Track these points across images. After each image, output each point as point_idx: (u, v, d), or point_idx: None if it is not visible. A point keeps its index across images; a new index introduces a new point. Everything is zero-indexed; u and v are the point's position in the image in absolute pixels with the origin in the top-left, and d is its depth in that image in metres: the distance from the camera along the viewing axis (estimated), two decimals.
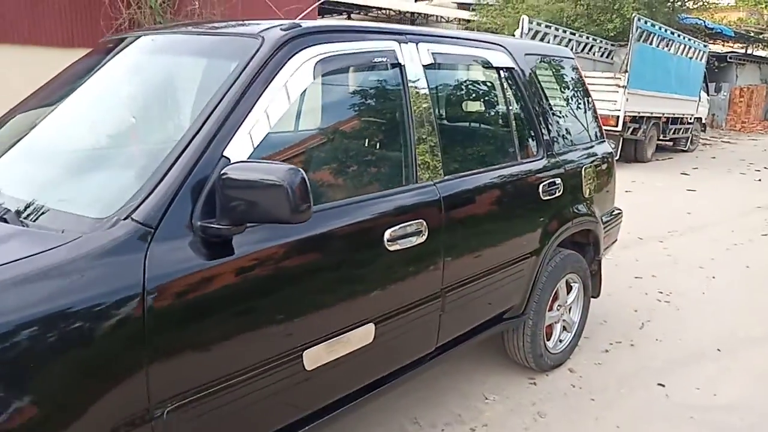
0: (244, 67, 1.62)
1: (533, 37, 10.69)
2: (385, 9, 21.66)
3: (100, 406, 1.25)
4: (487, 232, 2.36)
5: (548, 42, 11.11)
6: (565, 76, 3.09)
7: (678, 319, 3.83)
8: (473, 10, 19.17)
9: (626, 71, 10.25)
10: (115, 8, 7.73)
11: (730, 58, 20.45)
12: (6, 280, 1.17)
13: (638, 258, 5.09)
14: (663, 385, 2.97)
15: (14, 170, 1.76)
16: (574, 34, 12.27)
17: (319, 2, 9.87)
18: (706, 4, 17.27)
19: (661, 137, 12.42)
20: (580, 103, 3.20)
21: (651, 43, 10.85)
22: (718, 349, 3.40)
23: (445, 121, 2.30)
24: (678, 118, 12.70)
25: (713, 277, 4.70)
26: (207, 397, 1.46)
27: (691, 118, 13.26)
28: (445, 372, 2.93)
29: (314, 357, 1.70)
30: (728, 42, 20.78)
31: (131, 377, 1.30)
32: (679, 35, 11.99)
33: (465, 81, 2.54)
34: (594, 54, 12.81)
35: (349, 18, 20.59)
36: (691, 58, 12.71)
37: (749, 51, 22.08)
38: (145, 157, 1.61)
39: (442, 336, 2.24)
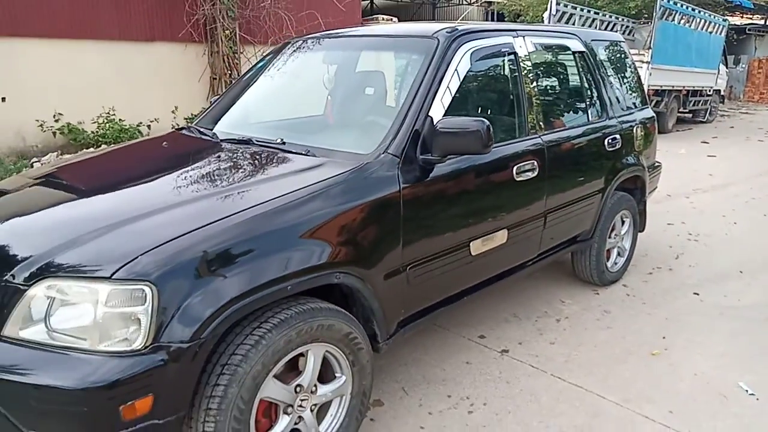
0: (432, 58, 2.51)
1: (560, 18, 11.43)
2: None
3: (388, 258, 2.18)
4: (572, 172, 3.25)
5: (573, 22, 11.85)
6: (618, 56, 3.94)
7: (706, 252, 4.70)
8: None
9: (650, 47, 10.96)
10: (193, 6, 8.62)
11: (749, 30, 20.86)
12: (337, 184, 2.09)
13: (669, 210, 5.94)
14: (698, 294, 3.86)
15: (299, 131, 2.70)
16: (598, 14, 12.95)
17: None
18: None
19: (681, 109, 13.12)
20: (629, 77, 4.05)
21: (673, 20, 11.52)
22: (741, 271, 4.28)
23: (542, 92, 3.16)
24: (698, 90, 13.36)
25: (735, 223, 5.55)
26: (423, 264, 2.38)
27: (710, 91, 13.92)
28: (531, 286, 3.86)
29: (476, 247, 2.62)
30: (747, 14, 21.13)
31: (396, 246, 2.22)
32: (699, 11, 12.62)
33: (554, 63, 3.39)
34: (616, 32, 13.48)
35: (371, 4, 21.16)
36: (710, 32, 13.34)
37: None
38: (383, 119, 2.51)
39: (542, 246, 3.14)
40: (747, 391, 2.74)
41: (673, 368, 2.94)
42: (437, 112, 2.42)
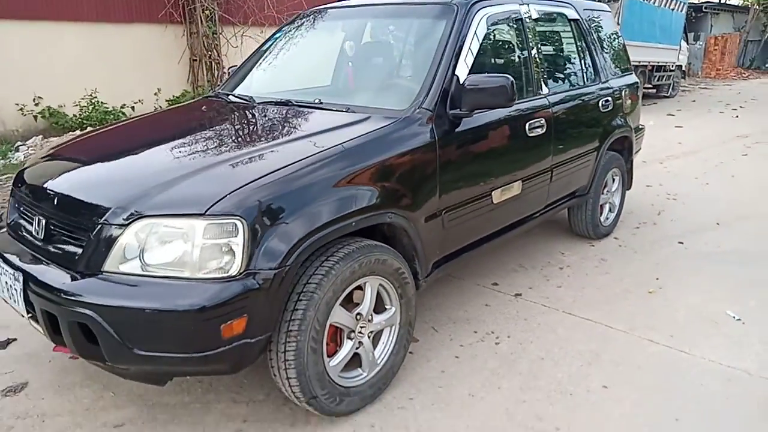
0: (453, 23, 2.74)
1: None
2: None
3: (428, 203, 2.42)
4: (573, 131, 3.53)
5: None
6: (606, 25, 4.23)
7: (685, 208, 5.09)
8: None
9: (618, 24, 11.37)
10: None
11: (706, 8, 21.66)
12: (387, 134, 2.31)
13: (646, 174, 6.34)
14: (682, 243, 4.23)
15: (329, 94, 2.95)
16: None
17: None
18: None
19: (646, 84, 13.65)
20: (615, 45, 4.35)
21: None
22: (717, 223, 4.68)
23: (546, 55, 3.42)
24: (662, 66, 13.92)
25: (707, 183, 5.99)
26: (456, 210, 2.63)
27: (672, 66, 14.50)
28: (531, 241, 4.16)
29: (496, 196, 2.88)
30: None
31: (434, 191, 2.46)
32: None
33: (554, 29, 3.65)
34: None
35: None
36: (672, 9, 13.88)
37: (723, 0, 23.29)
38: (409, 80, 2.72)
39: (549, 198, 3.43)
40: (734, 317, 3.09)
41: (669, 302, 3.28)
42: (462, 71, 2.65)
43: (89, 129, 7.83)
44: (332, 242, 2.09)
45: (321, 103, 2.67)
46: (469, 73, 2.67)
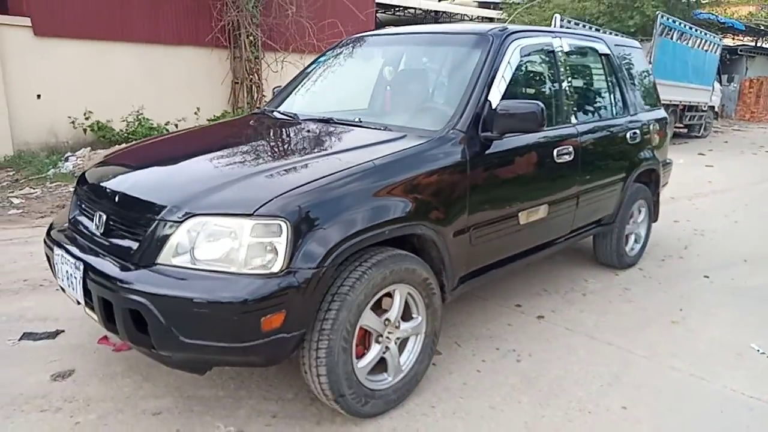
0: (488, 52, 2.90)
1: None
2: (411, 8, 22.79)
3: (458, 219, 2.55)
4: (600, 160, 3.63)
5: None
6: (637, 60, 4.35)
7: (712, 244, 5.10)
8: (501, 8, 20.31)
9: (650, 62, 11.47)
10: (221, 12, 9.04)
11: (741, 50, 21.59)
12: (422, 151, 2.46)
13: (674, 210, 6.35)
14: (708, 277, 4.25)
15: (368, 115, 3.14)
16: (598, 30, 13.50)
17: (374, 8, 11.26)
18: None
19: (678, 123, 13.64)
20: (645, 80, 4.46)
21: (671, 38, 12.08)
22: (745, 260, 4.68)
23: (576, 86, 3.55)
24: (694, 105, 13.91)
25: (735, 221, 5.98)
26: (483, 227, 2.74)
27: (705, 106, 14.47)
28: (556, 267, 4.24)
29: (523, 217, 2.99)
30: (739, 35, 21.89)
31: (463, 208, 2.59)
32: (696, 30, 13.21)
33: (585, 62, 3.79)
34: None
35: (375, 18, 21.66)
36: (706, 50, 13.92)
37: (759, 44, 23.19)
38: (445, 105, 2.89)
39: (574, 224, 3.52)
40: (758, 350, 3.11)
41: (692, 333, 3.31)
42: (494, 97, 2.80)
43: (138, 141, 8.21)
44: (366, 249, 2.23)
45: (360, 121, 2.84)
46: (501, 99, 2.82)
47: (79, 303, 2.27)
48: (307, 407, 2.45)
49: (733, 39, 22.36)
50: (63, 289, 2.39)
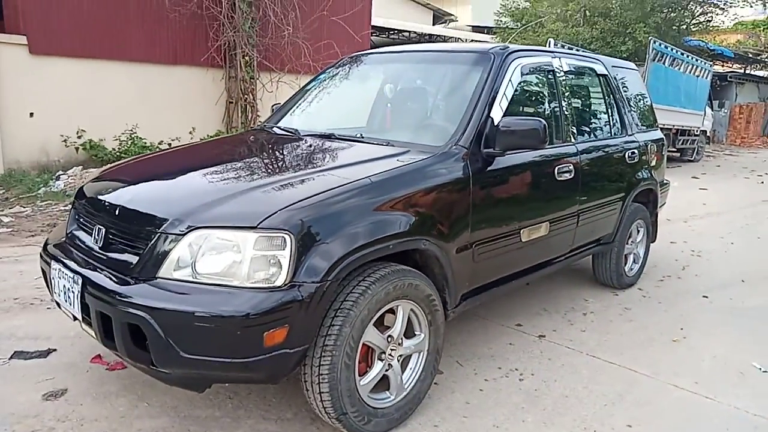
0: (490, 70, 2.92)
1: None
2: (405, 31, 23.09)
3: (461, 235, 2.53)
4: (599, 179, 3.64)
5: None
6: (634, 81, 4.40)
7: (709, 265, 5.10)
8: (494, 33, 20.62)
9: None
10: (217, 32, 9.10)
11: (730, 77, 21.95)
12: (425, 166, 2.45)
13: (670, 231, 6.36)
14: (707, 297, 4.24)
15: (369, 131, 3.14)
16: None
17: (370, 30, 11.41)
18: (708, 27, 18.78)
19: (670, 147, 13.77)
20: (642, 101, 4.51)
21: (664, 63, 12.27)
22: (742, 281, 4.68)
23: (575, 105, 3.58)
24: (686, 130, 14.05)
25: (732, 243, 5.99)
26: (486, 244, 2.73)
27: (697, 131, 14.63)
28: (555, 288, 4.21)
29: (525, 234, 2.98)
30: (728, 63, 22.29)
31: (466, 224, 2.57)
32: (687, 55, 13.43)
33: (583, 82, 3.83)
34: None
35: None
36: (697, 76, 14.13)
37: (748, 71, 23.61)
38: (445, 121, 2.89)
39: (575, 242, 3.51)
40: (761, 369, 3.08)
41: (694, 351, 3.28)
42: (496, 114, 2.81)
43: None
44: (369, 264, 2.20)
45: (362, 137, 2.84)
46: (503, 116, 2.82)
47: (75, 319, 2.22)
48: (306, 427, 2.40)
49: (723, 66, 22.76)
50: (58, 305, 2.34)
